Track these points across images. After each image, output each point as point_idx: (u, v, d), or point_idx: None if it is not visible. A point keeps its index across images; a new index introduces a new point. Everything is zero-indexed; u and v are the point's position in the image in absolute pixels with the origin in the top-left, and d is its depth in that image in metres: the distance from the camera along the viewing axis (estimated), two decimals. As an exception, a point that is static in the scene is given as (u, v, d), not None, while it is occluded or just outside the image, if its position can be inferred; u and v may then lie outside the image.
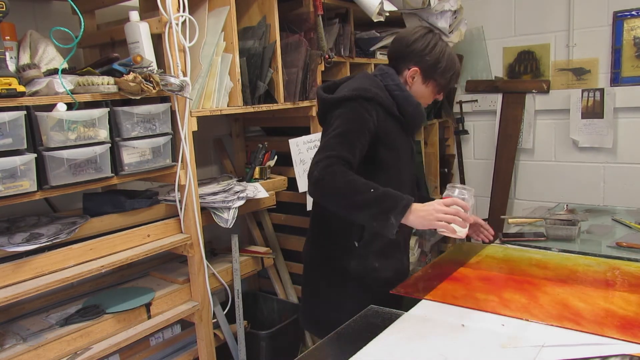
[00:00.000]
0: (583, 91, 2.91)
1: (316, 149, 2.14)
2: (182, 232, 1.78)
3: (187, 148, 1.70)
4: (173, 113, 1.68)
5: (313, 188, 1.41)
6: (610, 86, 2.84)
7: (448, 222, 1.35)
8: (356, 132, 1.49)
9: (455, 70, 1.67)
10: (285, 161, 2.26)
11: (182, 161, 1.71)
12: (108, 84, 1.49)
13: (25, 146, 1.32)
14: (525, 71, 3.13)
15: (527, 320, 1.26)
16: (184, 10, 1.66)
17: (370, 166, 1.56)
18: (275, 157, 2.29)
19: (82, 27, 1.52)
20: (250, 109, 1.97)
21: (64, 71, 1.47)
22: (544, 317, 1.27)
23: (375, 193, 1.35)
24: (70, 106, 1.42)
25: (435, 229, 1.38)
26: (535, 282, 1.49)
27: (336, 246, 1.62)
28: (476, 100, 3.32)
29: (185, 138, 1.70)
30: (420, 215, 1.34)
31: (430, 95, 1.69)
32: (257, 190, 2.07)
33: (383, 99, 1.56)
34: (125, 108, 1.54)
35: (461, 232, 1.39)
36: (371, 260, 1.60)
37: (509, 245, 1.85)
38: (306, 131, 2.31)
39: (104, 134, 1.49)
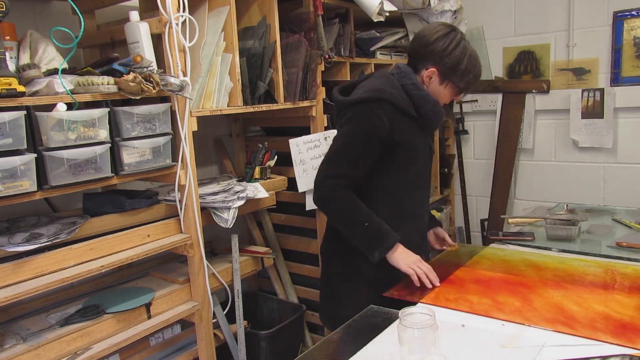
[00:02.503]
0: (583, 91, 2.91)
1: (316, 149, 2.14)
2: (182, 232, 1.78)
3: (187, 148, 1.70)
4: (173, 113, 1.68)
5: (319, 205, 1.60)
6: (610, 86, 2.84)
7: (419, 274, 1.51)
8: (363, 143, 1.52)
9: (475, 73, 1.62)
10: (285, 161, 2.26)
11: (182, 161, 1.71)
12: (108, 84, 1.49)
13: (25, 146, 1.32)
14: (525, 71, 3.13)
15: (521, 324, 1.25)
16: (184, 10, 1.66)
17: (389, 166, 1.59)
18: (275, 157, 2.29)
19: (82, 27, 1.52)
20: (250, 109, 1.97)
21: (64, 71, 1.47)
22: (538, 320, 1.26)
23: (368, 228, 1.52)
24: (70, 106, 1.42)
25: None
26: (530, 285, 1.48)
27: (351, 246, 1.61)
28: (476, 100, 3.32)
29: (185, 138, 1.70)
30: (399, 258, 1.53)
31: (447, 96, 1.66)
32: (257, 190, 2.07)
33: (398, 100, 1.54)
34: (125, 108, 1.54)
35: (428, 284, 1.52)
36: (385, 261, 1.58)
37: (506, 247, 1.85)
38: (306, 131, 2.31)
39: (104, 134, 1.49)
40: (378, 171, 1.59)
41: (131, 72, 1.51)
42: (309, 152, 2.22)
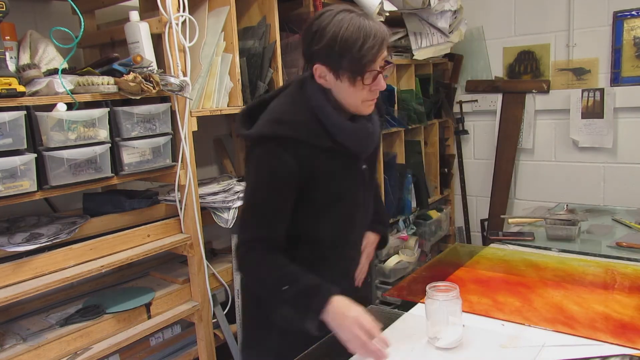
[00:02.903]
0: (583, 91, 2.91)
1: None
2: (182, 232, 1.78)
3: (187, 148, 1.70)
4: (173, 113, 1.68)
5: (238, 266, 1.30)
6: (610, 86, 2.84)
7: (358, 350, 1.12)
8: (268, 196, 1.22)
9: (363, 42, 1.14)
10: (285, 161, 2.26)
11: (182, 161, 1.71)
12: (108, 84, 1.49)
13: (25, 146, 1.32)
14: (525, 71, 3.13)
15: (521, 324, 1.25)
16: (184, 10, 1.66)
17: (310, 210, 1.26)
18: (275, 157, 2.29)
19: (82, 27, 1.52)
20: (250, 109, 1.97)
21: (64, 71, 1.47)
22: (538, 320, 1.26)
23: (289, 291, 1.18)
24: (70, 106, 1.42)
25: None
26: (530, 285, 1.48)
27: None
28: (476, 100, 3.32)
29: (185, 138, 1.70)
30: (336, 323, 1.13)
31: (355, 91, 1.20)
32: (257, 190, 2.06)
33: (302, 134, 1.20)
34: (125, 108, 1.54)
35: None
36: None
37: (506, 247, 1.85)
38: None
39: (104, 134, 1.49)
40: (301, 217, 1.26)
41: (131, 72, 1.51)
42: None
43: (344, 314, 1.13)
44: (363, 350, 1.10)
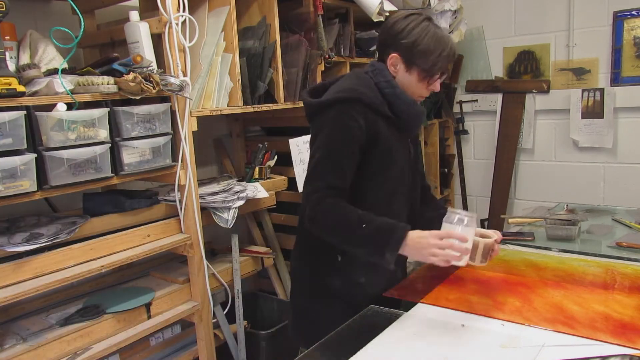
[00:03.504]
0: (583, 91, 2.91)
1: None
2: (182, 232, 1.78)
3: (187, 148, 1.70)
4: (173, 113, 1.68)
5: (309, 225, 1.38)
6: (610, 86, 2.85)
7: (442, 257, 1.26)
8: (342, 148, 1.37)
9: (441, 52, 1.42)
10: (285, 161, 2.26)
11: (182, 161, 1.71)
12: (108, 84, 1.49)
13: (25, 146, 1.32)
14: (525, 71, 3.13)
15: (521, 324, 1.25)
16: (184, 10, 1.66)
17: (364, 172, 1.43)
18: (275, 157, 2.29)
19: (82, 27, 1.52)
20: (250, 109, 1.97)
21: (64, 71, 1.47)
22: (538, 320, 1.26)
23: (367, 229, 1.31)
24: (70, 106, 1.42)
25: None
26: (530, 285, 1.48)
27: (318, 262, 1.51)
28: (476, 100, 3.32)
29: (185, 138, 1.70)
30: (415, 247, 1.29)
31: (418, 84, 1.46)
32: (257, 190, 2.07)
33: (371, 99, 1.41)
34: (125, 108, 1.54)
35: (458, 263, 1.29)
36: (357, 276, 1.47)
37: (506, 247, 1.85)
38: (306, 131, 2.29)
39: (104, 134, 1.49)
40: (353, 181, 1.42)
41: (131, 72, 1.51)
42: (308, 152, 2.22)
43: (421, 238, 1.28)
44: (445, 262, 1.26)
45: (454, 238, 1.26)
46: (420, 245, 1.28)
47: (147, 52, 1.63)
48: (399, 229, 1.30)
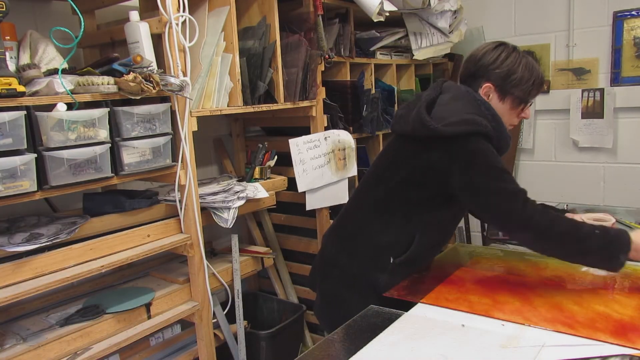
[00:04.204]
0: (583, 91, 2.91)
1: (316, 149, 2.10)
2: (182, 232, 1.78)
3: (187, 148, 1.71)
4: (173, 113, 1.68)
5: (541, 242, 1.44)
6: (610, 86, 2.85)
7: None
8: (501, 164, 1.43)
9: (535, 80, 1.51)
10: (285, 161, 2.26)
11: (182, 161, 1.71)
12: (108, 84, 1.49)
13: (25, 146, 1.32)
14: (525, 71, 3.13)
15: (521, 324, 1.25)
16: (184, 10, 1.66)
17: (446, 198, 1.50)
18: (275, 157, 2.29)
19: (82, 27, 1.52)
20: (250, 109, 1.97)
21: (64, 71, 1.47)
22: (538, 320, 1.26)
23: (598, 238, 1.37)
24: (70, 106, 1.42)
25: None
26: (530, 285, 1.48)
27: (372, 262, 1.57)
28: (476, 100, 3.32)
29: (185, 138, 1.70)
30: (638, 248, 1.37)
31: (511, 113, 1.55)
32: (257, 190, 2.07)
33: (491, 134, 1.45)
34: (125, 108, 1.54)
35: None
36: (400, 277, 1.56)
37: (506, 247, 1.85)
38: (306, 131, 2.31)
39: (104, 134, 1.49)
40: (428, 202, 1.53)
41: (131, 72, 1.51)
42: (308, 152, 2.22)
43: None
44: None
45: None
46: None
47: (147, 52, 1.63)
48: (624, 235, 1.37)
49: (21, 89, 1.32)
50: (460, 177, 1.43)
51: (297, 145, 2.19)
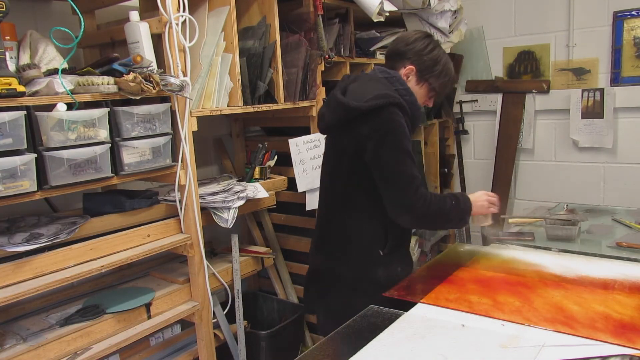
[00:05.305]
0: (583, 91, 2.91)
1: (316, 149, 2.12)
2: (182, 232, 1.78)
3: (187, 148, 1.70)
4: (173, 113, 1.68)
5: (421, 223, 1.69)
6: (610, 86, 2.84)
7: (494, 206, 1.67)
8: (408, 143, 1.55)
9: (450, 78, 1.69)
10: (285, 161, 2.26)
11: (182, 161, 1.71)
12: (108, 84, 1.49)
13: (25, 146, 1.32)
14: (525, 71, 3.13)
15: (521, 324, 1.25)
16: (184, 10, 1.66)
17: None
18: (275, 157, 2.29)
19: (82, 27, 1.52)
20: (250, 109, 1.97)
21: (64, 71, 1.47)
22: (538, 320, 1.26)
23: (454, 205, 1.60)
24: (70, 106, 1.42)
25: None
26: (530, 285, 1.48)
27: (362, 259, 1.65)
28: (476, 100, 3.32)
29: (185, 138, 1.70)
30: (479, 204, 1.65)
31: (422, 97, 1.70)
32: (257, 190, 2.07)
33: (404, 105, 1.57)
34: (125, 108, 1.54)
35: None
36: (395, 266, 1.65)
37: (506, 247, 1.85)
38: (306, 131, 2.30)
39: (104, 134, 1.49)
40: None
41: (131, 72, 1.51)
42: (308, 152, 2.22)
43: (477, 198, 1.66)
44: (493, 204, 1.69)
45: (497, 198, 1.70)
46: (482, 201, 1.66)
47: (147, 52, 1.63)
48: (464, 196, 1.64)
49: (21, 89, 1.32)
50: (372, 148, 1.54)
51: (297, 145, 2.19)
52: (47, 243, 1.44)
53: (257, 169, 2.25)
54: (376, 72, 1.69)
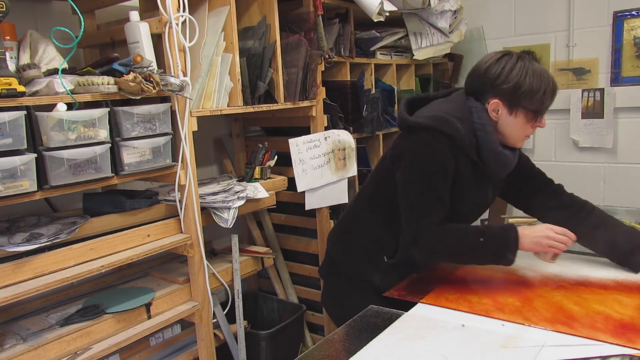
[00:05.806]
0: (583, 91, 2.91)
1: (316, 149, 2.12)
2: (182, 232, 1.78)
3: (187, 148, 1.70)
4: (173, 113, 1.68)
5: (426, 256, 1.50)
6: (610, 86, 2.84)
7: (559, 245, 1.41)
8: (438, 175, 1.42)
9: (545, 88, 1.41)
10: (285, 161, 2.26)
11: (182, 161, 1.71)
12: (108, 84, 1.49)
13: (25, 146, 1.32)
14: (525, 71, 3.13)
15: (521, 324, 1.25)
16: (184, 10, 1.66)
17: None
18: (275, 157, 2.29)
19: (82, 27, 1.52)
20: (250, 109, 1.97)
21: (64, 71, 1.47)
22: (538, 320, 1.26)
23: (484, 241, 1.41)
24: (70, 106, 1.42)
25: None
26: (530, 285, 1.48)
27: (366, 262, 1.63)
28: (476, 100, 3.32)
29: (185, 138, 1.70)
30: (533, 241, 1.41)
31: (524, 126, 1.46)
32: (257, 190, 2.07)
33: (462, 138, 1.41)
34: (125, 108, 1.54)
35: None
36: (395, 276, 1.59)
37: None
38: (306, 131, 2.30)
39: (104, 134, 1.49)
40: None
41: (131, 72, 1.51)
42: (308, 152, 2.22)
43: (536, 232, 1.42)
44: (562, 248, 1.42)
45: (569, 237, 1.43)
46: (539, 237, 1.41)
47: (147, 52, 1.63)
48: (510, 231, 1.42)
49: (21, 89, 1.32)
50: (401, 168, 1.47)
51: (297, 145, 2.19)
52: (47, 243, 1.44)
53: (257, 169, 2.25)
54: (460, 95, 1.54)
